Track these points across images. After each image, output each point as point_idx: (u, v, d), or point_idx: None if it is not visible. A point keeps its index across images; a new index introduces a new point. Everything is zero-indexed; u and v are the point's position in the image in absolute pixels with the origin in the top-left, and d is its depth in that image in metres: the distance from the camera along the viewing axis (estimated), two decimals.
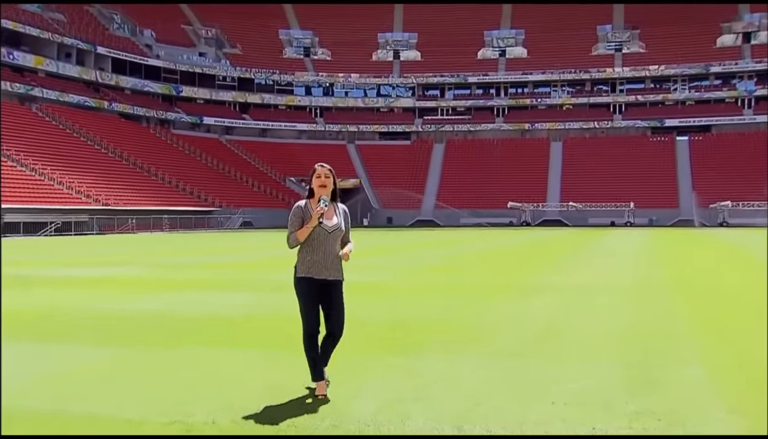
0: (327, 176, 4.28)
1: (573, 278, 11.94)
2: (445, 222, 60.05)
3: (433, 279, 12.01)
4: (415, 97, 74.79)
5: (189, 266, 15.11)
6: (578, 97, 72.39)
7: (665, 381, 4.70)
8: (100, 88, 62.48)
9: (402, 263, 15.75)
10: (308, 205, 4.27)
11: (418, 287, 10.73)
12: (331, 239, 4.23)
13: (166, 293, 9.95)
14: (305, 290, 4.23)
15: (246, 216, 53.69)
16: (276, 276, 12.48)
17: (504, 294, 9.75)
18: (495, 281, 11.61)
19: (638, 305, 8.40)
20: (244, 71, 71.49)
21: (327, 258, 4.21)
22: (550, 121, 71.37)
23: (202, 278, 12.28)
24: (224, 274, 13.05)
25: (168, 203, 48.54)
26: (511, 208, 58.17)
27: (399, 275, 12.51)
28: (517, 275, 12.65)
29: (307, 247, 4.23)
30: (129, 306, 8.52)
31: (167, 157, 57.93)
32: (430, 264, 15.59)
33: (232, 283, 11.35)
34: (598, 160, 65.27)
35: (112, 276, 12.68)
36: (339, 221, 4.28)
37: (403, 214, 61.58)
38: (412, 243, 26.52)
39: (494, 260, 16.91)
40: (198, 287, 10.76)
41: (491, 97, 73.95)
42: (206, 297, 9.42)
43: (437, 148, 71.84)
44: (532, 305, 8.57)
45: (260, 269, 14.42)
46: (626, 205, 56.20)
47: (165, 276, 12.66)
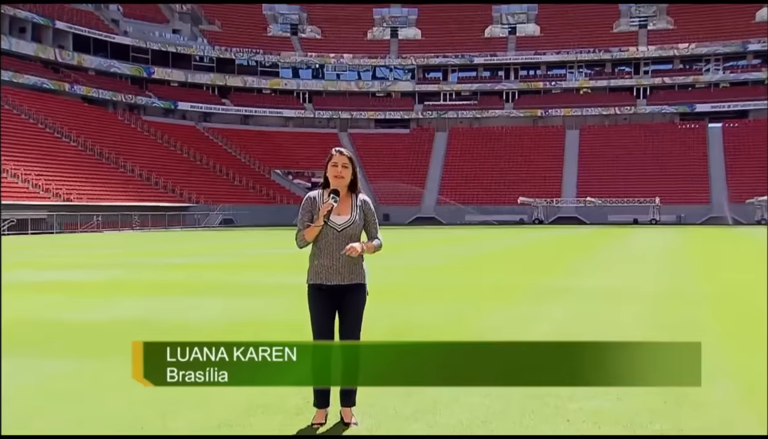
0: (345, 166, 4.08)
1: (591, 281, 12.00)
2: (449, 220, 60.14)
3: (436, 281, 12.05)
4: (415, 81, 74.77)
5: (164, 268, 15.13)
6: (597, 80, 72.48)
7: (692, 398, 4.75)
8: (60, 68, 62.33)
9: (401, 264, 15.80)
10: (321, 198, 4.13)
11: (420, 290, 10.78)
12: (343, 238, 4.06)
13: (140, 298, 9.99)
14: (315, 298, 4.09)
15: (226, 213, 53.68)
16: (264, 279, 12.50)
17: (514, 298, 9.81)
18: (504, 283, 11.66)
19: (664, 313, 8.46)
20: (224, 51, 71.40)
21: (338, 261, 4.04)
22: (566, 107, 71.44)
23: (180, 281, 12.31)
24: (204, 276, 13.08)
25: (138, 198, 48.50)
26: (521, 204, 58.25)
27: (398, 278, 12.56)
28: (529, 277, 12.69)
29: (316, 248, 4.10)
30: (99, 314, 8.56)
31: (137, 147, 57.88)
32: (433, 265, 15.64)
33: (213, 286, 11.39)
34: (619, 150, 65.41)
35: (77, 281, 12.70)
36: (354, 216, 4.11)
37: (402, 210, 61.64)
38: (413, 242, 26.56)
39: (503, 261, 16.93)
40: (175, 291, 10.80)
41: (500, 81, 73.98)
42: (185, 303, 9.47)
43: (439, 137, 71.85)
44: (546, 310, 8.62)
45: (244, 271, 14.46)
46: (651, 201, 56.33)
47: (137, 280, 12.69)
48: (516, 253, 20.76)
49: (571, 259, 17.92)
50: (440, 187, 65.22)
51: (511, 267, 15.40)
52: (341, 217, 4.07)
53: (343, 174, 4.07)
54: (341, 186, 4.08)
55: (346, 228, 4.07)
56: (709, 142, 65.73)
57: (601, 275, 13.28)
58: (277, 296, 10.29)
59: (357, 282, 4.10)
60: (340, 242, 4.04)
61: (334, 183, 4.07)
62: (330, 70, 74.65)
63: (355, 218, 4.11)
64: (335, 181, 4.06)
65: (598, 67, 73.06)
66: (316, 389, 4.10)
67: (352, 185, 4.15)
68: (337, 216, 4.05)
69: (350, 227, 4.08)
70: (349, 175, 4.09)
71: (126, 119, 63.22)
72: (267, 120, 72.58)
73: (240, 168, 63.61)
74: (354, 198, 4.16)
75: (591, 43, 72.07)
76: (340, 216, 4.06)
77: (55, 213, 40.99)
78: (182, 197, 53.22)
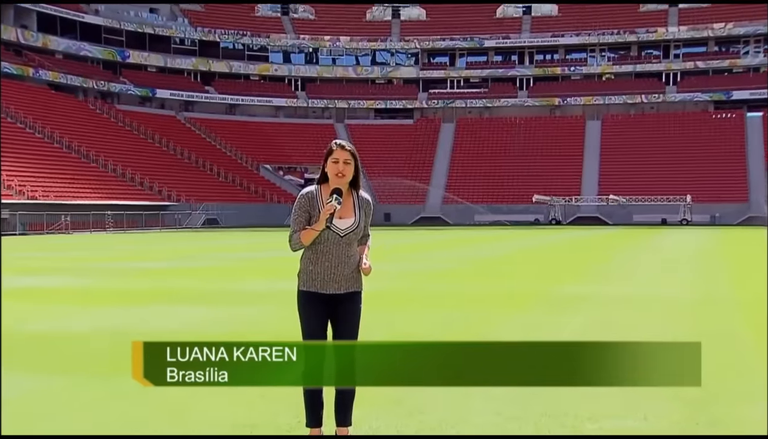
0: (347, 162, 4.02)
1: (613, 288, 12.02)
2: (456, 220, 60.17)
3: (440, 288, 12.06)
4: (419, 66, 74.81)
5: (141, 274, 15.16)
6: (621, 65, 72.53)
7: (726, 420, 4.77)
8: (24, 51, 62.37)
9: (402, 268, 15.81)
10: (319, 194, 4.07)
11: (422, 297, 10.79)
12: (344, 243, 4.02)
13: (112, 307, 10.01)
14: (307, 307, 4.06)
15: (210, 212, 53.74)
16: (251, 285, 12.51)
17: (529, 306, 9.83)
18: (516, 290, 11.69)
19: (696, 326, 8.49)
20: (207, 33, 71.48)
21: (336, 268, 4.02)
22: (587, 95, 71.49)
23: (158, 288, 12.34)
24: (186, 283, 13.11)
25: (112, 196, 48.54)
26: (537, 202, 58.29)
27: (398, 284, 12.57)
28: (544, 283, 12.71)
29: (311, 253, 4.04)
30: (71, 324, 8.59)
31: (110, 139, 57.93)
32: (437, 270, 15.67)
33: (195, 294, 11.43)
34: (646, 143, 65.44)
35: (44, 288, 12.72)
36: (357, 219, 4.07)
37: (404, 210, 61.68)
38: (415, 245, 26.53)
39: (516, 266, 16.97)
40: (153, 299, 10.83)
41: (513, 66, 74.01)
42: (163, 312, 9.50)
43: (446, 128, 71.87)
44: (564, 320, 8.64)
45: (230, 276, 14.50)
46: (682, 199, 56.35)
47: (109, 286, 12.71)
48: (530, 257, 20.73)
49: (592, 263, 17.93)
50: (447, 184, 65.26)
51: (524, 272, 15.42)
52: (344, 220, 4.02)
53: (345, 172, 4.01)
54: (342, 185, 4.03)
55: (348, 233, 4.03)
56: (747, 133, 65.74)
57: (624, 282, 13.29)
58: (266, 303, 10.31)
59: (354, 290, 4.10)
60: (341, 248, 4.02)
61: (335, 182, 4.01)
62: (325, 55, 74.71)
63: (359, 222, 4.07)
64: (336, 179, 4.01)
65: (623, 51, 73.13)
66: (309, 404, 4.09)
67: (353, 182, 4.11)
68: (339, 219, 3.99)
69: (353, 231, 4.05)
70: (351, 173, 4.04)
71: (98, 108, 63.31)
72: (255, 110, 72.63)
73: (225, 163, 63.67)
74: (355, 197, 4.12)
75: (615, 24, 72.12)
76: (342, 219, 4.01)
77: (18, 212, 41.03)
78: (161, 195, 53.25)
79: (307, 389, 4.01)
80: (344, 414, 4.14)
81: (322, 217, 3.92)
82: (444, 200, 63.06)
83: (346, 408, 4.12)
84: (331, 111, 73.77)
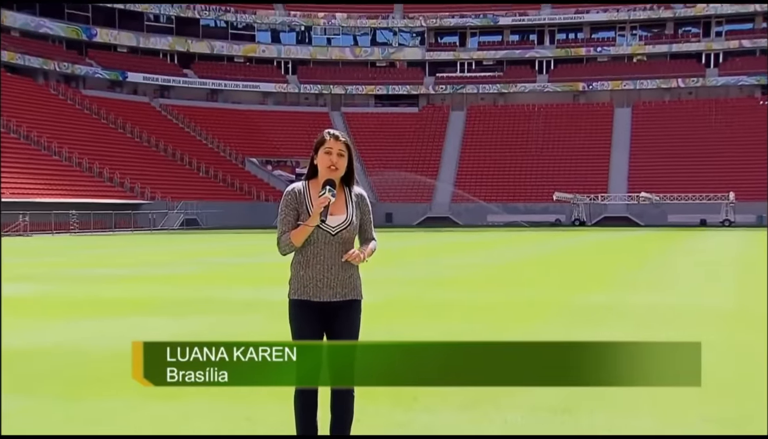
0: (341, 154, 4.08)
1: (643, 298, 12.06)
2: (467, 220, 60.23)
3: (447, 297, 12.10)
4: (425, 47, 74.84)
5: (110, 282, 15.20)
6: (655, 45, 72.53)
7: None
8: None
9: (405, 275, 15.87)
10: (307, 191, 4.13)
11: (426, 307, 10.84)
12: (337, 243, 4.08)
13: (78, 319, 10.05)
14: (299, 317, 4.08)
15: (189, 212, 53.78)
16: (235, 294, 12.57)
17: (546, 317, 9.87)
18: (535, 299, 11.74)
19: (740, 342, 8.51)
20: (185, 8, 71.56)
21: (329, 272, 4.06)
22: (615, 79, 71.51)
23: (130, 298, 12.38)
24: (160, 291, 13.15)
25: (77, 194, 48.56)
26: (558, 201, 58.31)
27: (400, 292, 12.61)
28: (566, 291, 12.72)
29: (301, 256, 4.09)
30: (24, 339, 8.60)
31: (76, 129, 58.01)
32: (443, 277, 15.72)
33: (170, 304, 11.47)
34: (682, 133, 65.44)
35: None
36: (350, 216, 4.12)
37: (408, 209, 61.72)
38: (420, 249, 26.56)
39: (533, 272, 17.00)
40: (124, 310, 10.90)
41: (531, 46, 74.02)
42: (133, 325, 9.53)
43: (455, 117, 71.91)
44: (584, 333, 8.64)
45: (211, 284, 14.56)
46: (723, 197, 56.34)
47: (75, 295, 12.76)
48: (549, 262, 20.75)
49: (620, 270, 17.95)
50: (456, 179, 65.29)
51: (542, 280, 15.46)
52: (335, 217, 4.07)
53: (338, 165, 4.07)
54: (336, 178, 4.09)
55: (341, 231, 4.07)
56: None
57: (656, 291, 13.32)
58: (253, 314, 10.35)
59: (352, 298, 4.11)
60: (333, 248, 4.06)
61: (327, 175, 4.07)
62: (319, 34, 74.76)
63: (351, 218, 4.12)
64: (328, 173, 4.06)
65: (657, 29, 73.12)
66: (301, 433, 4.07)
67: (347, 178, 4.16)
68: (329, 216, 4.05)
69: (346, 229, 4.09)
70: (344, 165, 4.10)
71: (61, 93, 63.38)
72: (240, 96, 72.68)
73: (206, 156, 63.73)
74: (348, 193, 4.19)
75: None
76: (333, 216, 4.06)
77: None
78: (133, 193, 53.29)
79: (301, 415, 4.05)
80: (341, 430, 4.11)
81: (315, 212, 3.98)
82: (453, 198, 63.09)
83: (339, 423, 4.09)
84: (325, 97, 73.83)
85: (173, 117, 68.20)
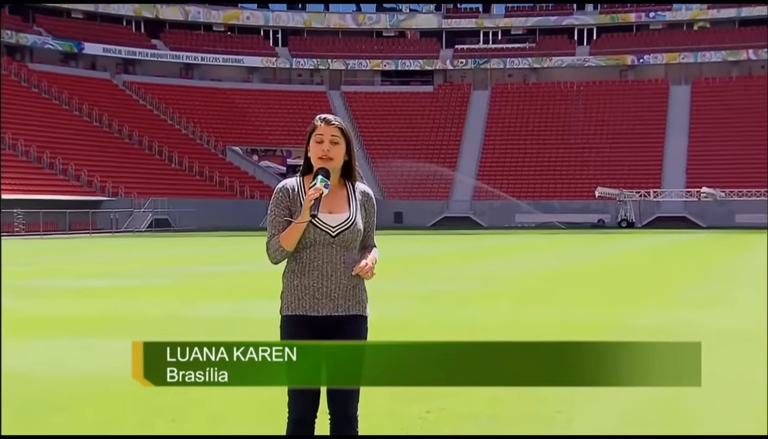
0: (335, 141, 4.12)
1: (708, 318, 12.06)
2: (491, 221, 60.20)
3: (472, 315, 12.09)
4: (442, 14, 74.88)
5: (62, 295, 15.24)
6: (720, 9, 72.34)
7: None
8: None
9: (415, 289, 15.83)
10: (302, 188, 4.17)
11: (446, 328, 10.85)
12: (339, 246, 4.09)
13: (16, 340, 10.04)
14: (294, 337, 4.07)
15: (159, 211, 53.74)
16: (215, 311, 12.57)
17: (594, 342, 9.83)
18: (575, 319, 11.74)
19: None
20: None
21: (330, 279, 4.08)
22: (670, 51, 71.42)
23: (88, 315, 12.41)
24: (123, 308, 13.18)
25: (23, 189, 48.62)
26: (601, 197, 58.17)
27: (410, 310, 12.61)
28: (614, 310, 12.70)
29: (295, 263, 4.11)
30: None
31: (21, 110, 58.08)
32: (467, 291, 15.71)
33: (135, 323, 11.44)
34: (752, 115, 65.28)
35: None
36: (352, 214, 4.15)
37: (421, 208, 61.67)
38: (437, 256, 26.47)
39: (573, 285, 16.99)
40: (79, 329, 10.89)
41: (569, 12, 73.97)
42: (90, 348, 9.52)
43: (478, 97, 71.90)
44: None
45: (186, 298, 14.59)
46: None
47: (21, 312, 12.80)
48: (592, 273, 20.72)
49: (678, 283, 17.91)
50: (478, 171, 65.31)
51: (583, 295, 15.45)
52: (335, 215, 4.10)
53: (332, 153, 4.11)
54: (332, 170, 4.12)
55: (342, 231, 4.09)
56: None
57: (723, 309, 13.28)
58: (236, 334, 10.35)
59: (356, 313, 4.13)
60: (334, 253, 4.08)
61: (320, 166, 4.10)
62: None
63: (354, 217, 4.13)
64: (320, 163, 4.10)
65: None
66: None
67: (346, 170, 4.20)
68: (328, 214, 4.07)
69: (348, 229, 4.10)
70: (341, 154, 4.14)
71: (3, 68, 63.39)
72: (220, 72, 72.75)
73: (180, 143, 63.80)
74: (350, 189, 4.22)
75: None
76: (333, 214, 4.09)
77: None
78: (92, 188, 53.36)
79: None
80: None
81: (305, 205, 3.99)
82: (474, 194, 63.09)
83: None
84: (322, 74, 73.89)
85: (139, 97, 68.25)
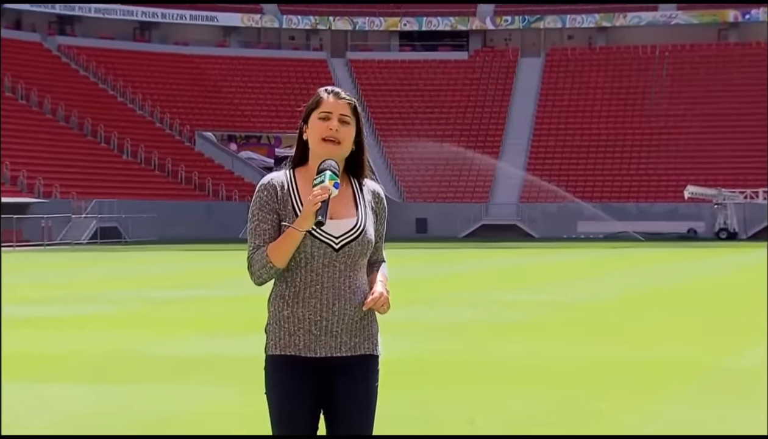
0: (345, 120, 4.10)
1: None
2: (545, 231, 60.26)
3: (520, 352, 12.28)
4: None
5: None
6: None
7: None
8: None
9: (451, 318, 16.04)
10: (293, 184, 4.14)
11: (487, 369, 10.98)
12: (342, 263, 4.08)
13: None
14: (283, 384, 4.09)
15: (106, 217, 53.91)
16: (179, 349, 12.63)
17: (681, 391, 9.89)
18: (657, 359, 11.81)
19: None
20: None
21: (331, 309, 4.07)
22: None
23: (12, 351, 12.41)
24: (60, 342, 13.30)
25: None
26: (692, 199, 58.20)
27: (445, 345, 12.76)
28: (708, 347, 12.79)
29: (286, 285, 4.10)
30: None
31: None
32: (516, 321, 15.89)
33: (76, 363, 11.59)
34: None
35: None
36: (360, 220, 4.13)
37: (451, 213, 61.80)
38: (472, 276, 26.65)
39: (655, 315, 17.07)
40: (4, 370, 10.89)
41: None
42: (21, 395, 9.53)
43: (526, 65, 72.30)
44: (740, 415, 8.67)
45: (140, 331, 14.75)
46: None
47: None
48: (680, 299, 20.76)
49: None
50: (527, 165, 65.53)
51: (668, 328, 15.47)
52: (338, 221, 4.07)
53: (341, 136, 4.07)
54: (338, 159, 4.07)
55: (348, 242, 4.07)
56: None
57: None
58: (203, 379, 10.45)
59: (365, 352, 4.14)
60: (337, 272, 4.07)
61: (324, 153, 4.06)
62: None
63: (363, 223, 4.12)
64: (326, 148, 4.07)
65: None
66: None
67: (354, 162, 4.18)
68: (329, 220, 4.00)
69: (356, 240, 4.08)
70: (350, 139, 4.12)
71: None
72: (186, 33, 73.27)
73: (133, 127, 64.14)
74: (356, 186, 4.21)
75: None
76: (335, 220, 4.05)
77: None
78: (17, 187, 53.64)
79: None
80: None
81: (307, 209, 3.94)
82: (523, 195, 63.32)
83: None
84: (321, 36, 74.49)
85: (79, 65, 68.74)
